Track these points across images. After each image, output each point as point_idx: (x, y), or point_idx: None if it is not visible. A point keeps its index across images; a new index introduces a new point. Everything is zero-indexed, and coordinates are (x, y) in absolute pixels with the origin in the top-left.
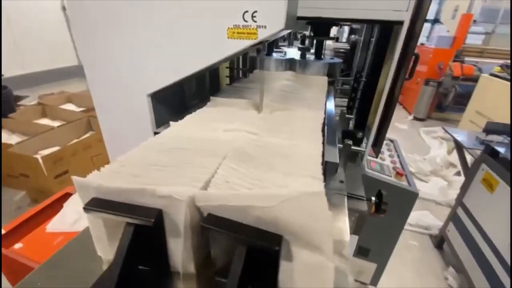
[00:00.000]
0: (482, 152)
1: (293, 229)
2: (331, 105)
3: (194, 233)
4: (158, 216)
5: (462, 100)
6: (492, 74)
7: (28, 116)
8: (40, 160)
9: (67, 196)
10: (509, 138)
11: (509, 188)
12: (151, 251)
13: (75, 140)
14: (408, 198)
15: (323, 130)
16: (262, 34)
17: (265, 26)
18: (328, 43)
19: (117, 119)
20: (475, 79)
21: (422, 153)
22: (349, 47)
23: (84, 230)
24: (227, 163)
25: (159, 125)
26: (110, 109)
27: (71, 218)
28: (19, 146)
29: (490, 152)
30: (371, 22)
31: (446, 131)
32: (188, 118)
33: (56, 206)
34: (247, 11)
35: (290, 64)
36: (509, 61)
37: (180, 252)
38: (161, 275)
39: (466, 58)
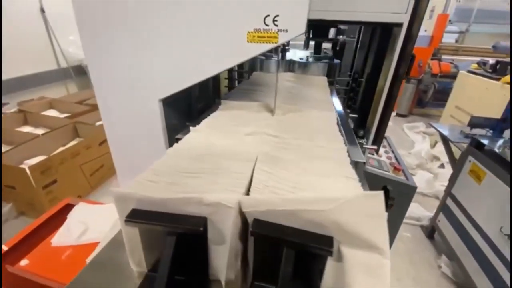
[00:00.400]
0: (468, 145)
1: (348, 229)
2: (339, 105)
3: (237, 239)
4: (205, 224)
5: (440, 96)
6: (469, 71)
7: (10, 124)
8: (27, 170)
9: (68, 207)
10: (491, 131)
11: (495, 178)
12: (190, 261)
13: (62, 148)
14: (408, 192)
15: (339, 130)
16: (283, 38)
17: (286, 30)
18: None
19: (125, 124)
20: (452, 76)
21: (407, 148)
22: (337, 48)
23: (103, 248)
24: (261, 167)
25: (168, 130)
26: (117, 113)
27: (77, 230)
28: (4, 156)
29: (476, 145)
30: (372, 24)
31: (432, 126)
32: (205, 122)
33: (57, 219)
34: (268, 15)
35: (289, 65)
36: (485, 58)
37: (224, 259)
38: (201, 284)
39: (443, 56)
